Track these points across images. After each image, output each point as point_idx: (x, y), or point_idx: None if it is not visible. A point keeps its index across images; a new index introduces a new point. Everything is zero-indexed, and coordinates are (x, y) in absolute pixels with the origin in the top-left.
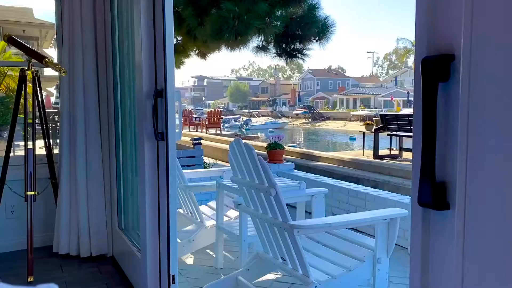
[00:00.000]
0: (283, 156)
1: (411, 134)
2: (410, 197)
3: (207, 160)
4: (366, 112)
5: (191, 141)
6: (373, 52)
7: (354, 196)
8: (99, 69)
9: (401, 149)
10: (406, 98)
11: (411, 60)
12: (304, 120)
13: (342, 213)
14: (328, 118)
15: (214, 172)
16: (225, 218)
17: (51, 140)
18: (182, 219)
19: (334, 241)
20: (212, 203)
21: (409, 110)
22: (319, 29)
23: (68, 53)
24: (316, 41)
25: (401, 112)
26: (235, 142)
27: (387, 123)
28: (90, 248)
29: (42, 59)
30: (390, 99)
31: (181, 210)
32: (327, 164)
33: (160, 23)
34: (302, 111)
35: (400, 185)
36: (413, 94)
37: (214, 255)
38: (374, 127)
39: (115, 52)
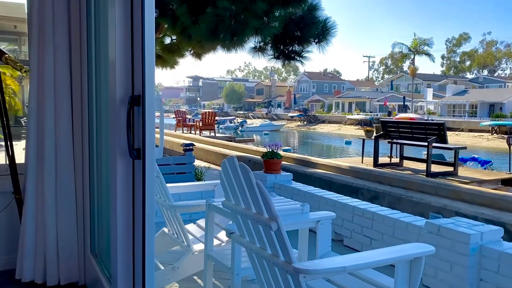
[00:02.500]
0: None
1: (412, 142)
2: (424, 219)
3: (200, 163)
4: (361, 116)
5: (182, 147)
6: (369, 56)
7: (359, 215)
8: (72, 70)
9: (402, 157)
10: (402, 103)
11: (406, 65)
12: (299, 123)
13: (346, 233)
14: (323, 121)
15: (206, 186)
16: (215, 242)
17: (14, 148)
18: (168, 239)
19: (344, 278)
20: (202, 222)
21: (404, 115)
22: (319, 31)
23: (37, 51)
24: (316, 43)
25: (397, 116)
26: (228, 161)
27: (388, 130)
28: (58, 275)
29: (1, 56)
30: (384, 103)
31: (166, 230)
32: (324, 171)
33: (138, 14)
34: (298, 114)
35: (402, 197)
36: (410, 99)
37: (202, 284)
38: (374, 133)
39: (90, 51)
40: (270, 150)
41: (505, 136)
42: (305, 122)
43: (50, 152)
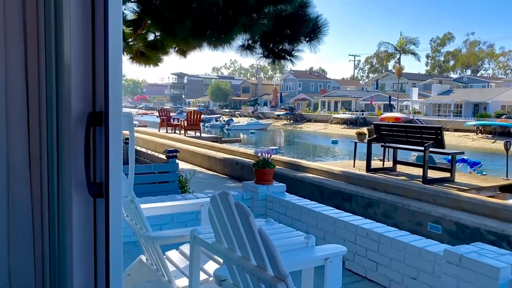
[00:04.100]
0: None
1: (407, 146)
2: (439, 243)
3: (185, 165)
4: (347, 115)
5: (165, 154)
6: (354, 55)
7: (363, 236)
8: (29, 74)
9: (395, 161)
10: (387, 102)
11: (391, 64)
12: (285, 121)
13: (348, 255)
14: (309, 120)
15: (191, 206)
16: (202, 276)
17: None
18: (146, 269)
19: None
20: (186, 248)
21: (390, 115)
22: (310, 29)
23: None
24: (307, 42)
25: (382, 116)
26: (220, 197)
27: (382, 133)
28: None
29: None
30: (370, 103)
31: (144, 258)
32: (315, 176)
33: (100, 4)
34: (284, 112)
35: (398, 205)
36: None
37: None
38: (367, 137)
39: (50, 50)
40: (262, 158)
41: (489, 136)
42: (291, 121)
43: (1, 175)
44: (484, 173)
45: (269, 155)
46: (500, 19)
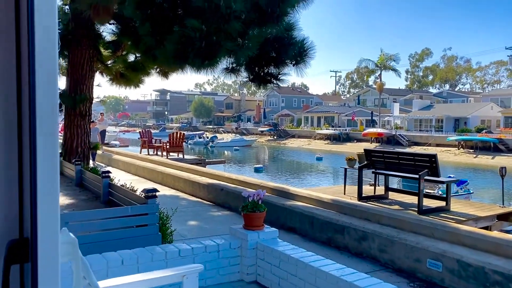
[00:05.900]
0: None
1: (399, 173)
2: None
3: (166, 191)
4: (330, 131)
5: (144, 193)
6: (335, 71)
7: None
8: None
9: (387, 188)
10: (369, 118)
11: (372, 79)
12: (269, 137)
13: None
14: (293, 136)
15: (171, 277)
16: None
17: None
18: None
19: None
20: None
21: (373, 130)
22: (296, 52)
23: None
24: (293, 65)
25: (365, 132)
26: None
27: (373, 160)
28: None
29: None
30: (351, 118)
31: None
32: (305, 204)
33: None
34: (268, 128)
35: (395, 239)
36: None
37: None
38: (358, 164)
39: None
40: (251, 200)
41: (471, 150)
42: (275, 137)
43: None
44: (472, 191)
45: (259, 196)
46: (476, 35)
